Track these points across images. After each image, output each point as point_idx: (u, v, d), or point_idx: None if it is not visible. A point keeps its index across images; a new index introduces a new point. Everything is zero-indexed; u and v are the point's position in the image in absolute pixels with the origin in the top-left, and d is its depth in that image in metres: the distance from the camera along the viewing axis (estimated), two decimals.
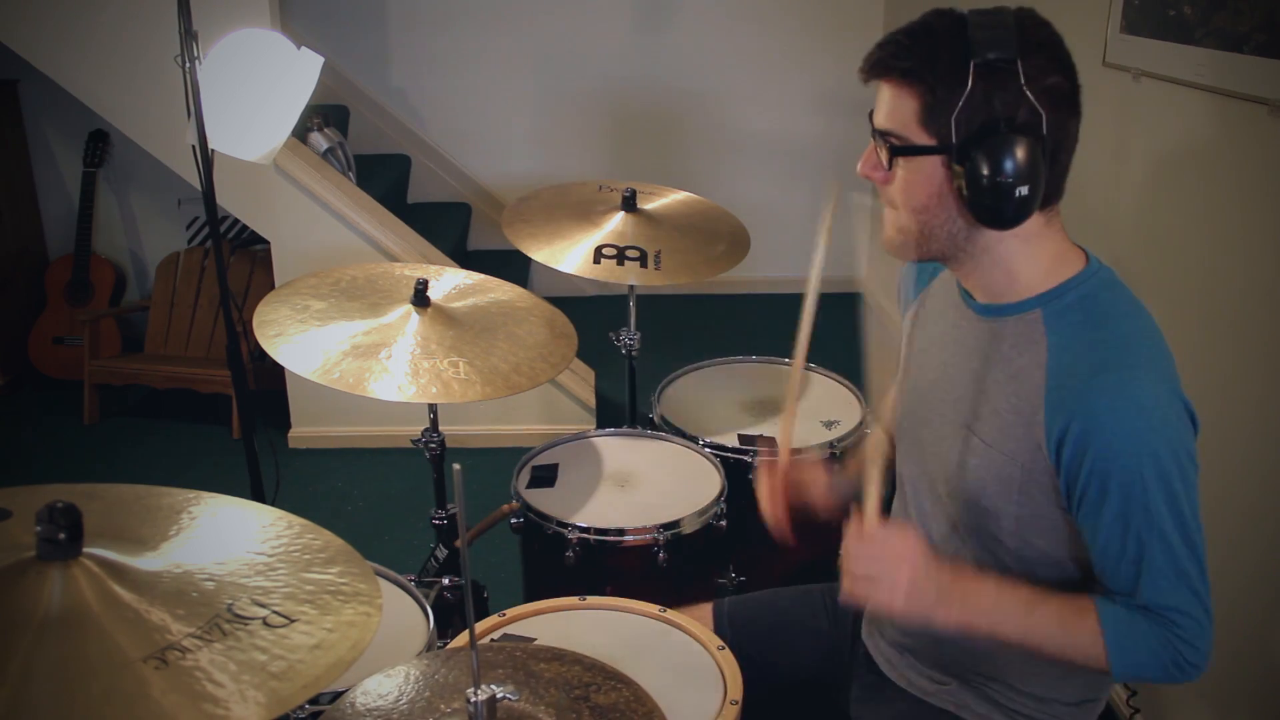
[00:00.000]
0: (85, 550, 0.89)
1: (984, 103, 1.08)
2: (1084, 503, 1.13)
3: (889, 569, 1.14)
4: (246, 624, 0.87)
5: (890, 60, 1.12)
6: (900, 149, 1.14)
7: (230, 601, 0.90)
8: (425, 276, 1.83)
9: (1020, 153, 1.07)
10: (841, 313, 1.65)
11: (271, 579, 0.95)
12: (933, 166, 1.12)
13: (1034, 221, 1.15)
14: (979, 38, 1.07)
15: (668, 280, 2.12)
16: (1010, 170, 1.07)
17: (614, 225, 2.21)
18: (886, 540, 1.16)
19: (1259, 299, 1.75)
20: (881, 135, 1.15)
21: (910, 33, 1.13)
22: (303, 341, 1.69)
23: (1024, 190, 1.08)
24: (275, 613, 0.90)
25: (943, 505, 1.28)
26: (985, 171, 1.07)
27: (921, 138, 1.12)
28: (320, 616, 0.91)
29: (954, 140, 1.09)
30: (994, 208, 1.10)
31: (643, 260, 2.13)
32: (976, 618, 1.16)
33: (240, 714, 0.80)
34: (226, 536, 1.01)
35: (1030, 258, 1.18)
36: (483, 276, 1.97)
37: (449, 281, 1.93)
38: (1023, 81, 1.07)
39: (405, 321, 1.76)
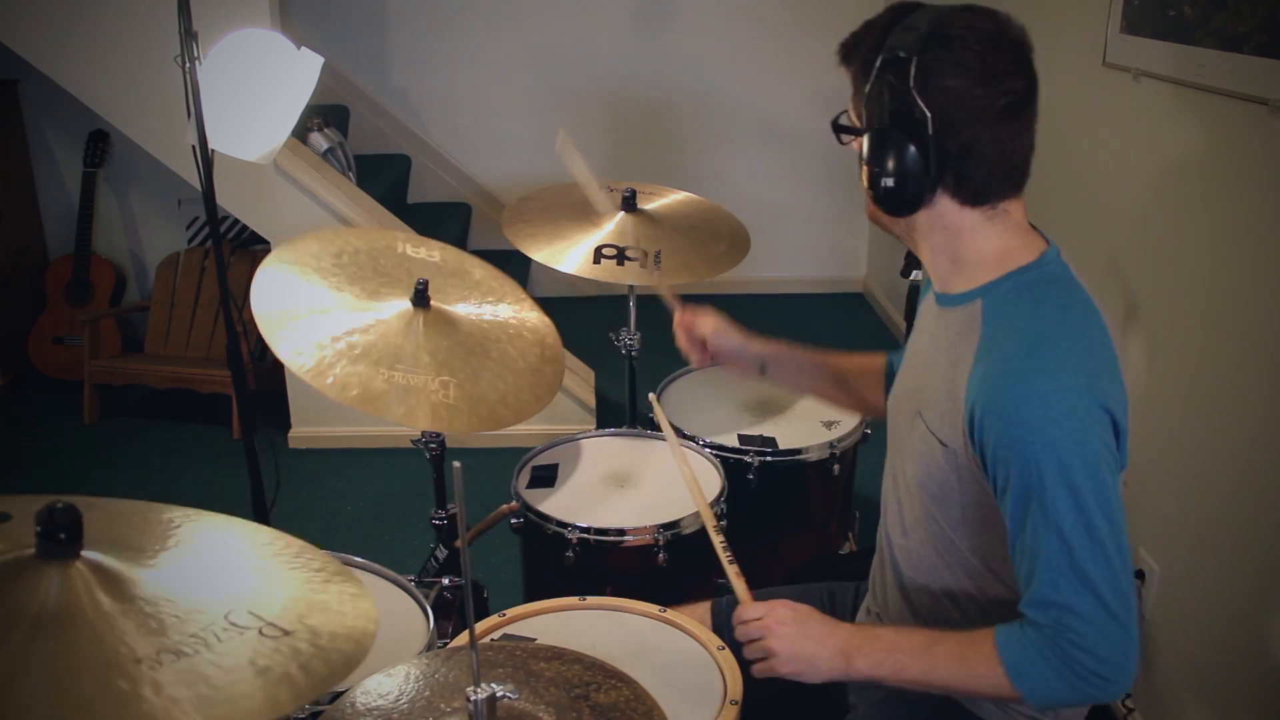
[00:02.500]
0: (84, 553, 0.88)
1: (879, 97, 1.15)
2: (998, 491, 1.14)
3: (767, 642, 1.24)
4: (242, 633, 0.87)
5: (840, 46, 1.22)
6: (840, 127, 1.24)
7: (227, 610, 0.89)
8: (412, 247, 1.81)
9: (893, 147, 1.13)
10: (841, 313, 1.65)
11: (269, 590, 0.95)
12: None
13: (965, 217, 1.18)
14: (895, 35, 1.14)
15: (668, 281, 2.11)
16: (879, 162, 1.15)
17: (614, 225, 2.21)
18: (761, 616, 1.26)
19: (1260, 299, 1.75)
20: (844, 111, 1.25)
21: (864, 23, 1.21)
22: (301, 336, 1.67)
23: (889, 182, 1.14)
24: (270, 624, 0.89)
25: (910, 494, 1.29)
26: (870, 160, 1.16)
27: (853, 118, 1.22)
28: (316, 629, 0.91)
29: (864, 128, 1.18)
30: (874, 193, 1.17)
31: (643, 262, 2.13)
32: (879, 666, 1.20)
33: (233, 718, 0.79)
34: (225, 550, 1.01)
35: (970, 248, 1.20)
36: (478, 262, 1.95)
37: (437, 255, 1.90)
38: (911, 83, 1.12)
39: (405, 324, 1.74)
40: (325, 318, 1.69)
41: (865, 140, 1.16)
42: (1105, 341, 1.16)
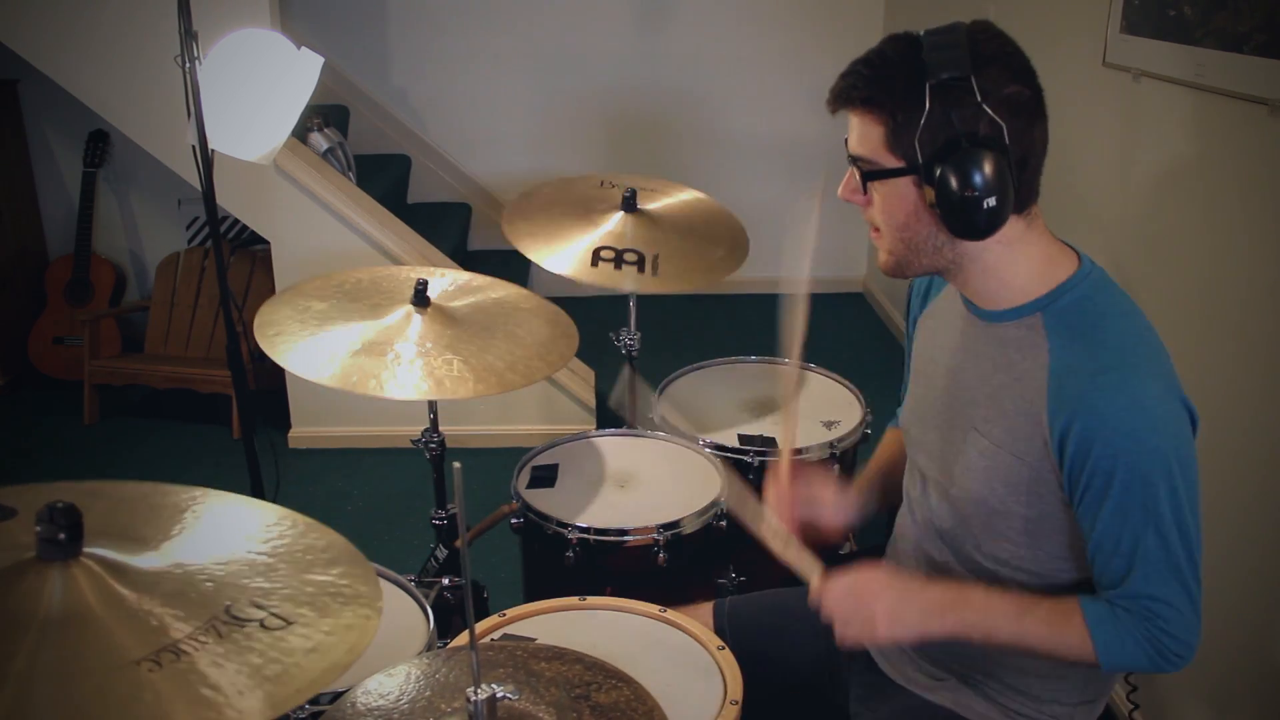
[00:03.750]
0: (86, 550, 0.88)
1: (943, 121, 1.12)
2: (1085, 497, 1.15)
3: (861, 606, 1.24)
4: (244, 626, 0.87)
5: (851, 91, 1.17)
6: (871, 174, 1.19)
7: (229, 603, 0.89)
8: (426, 278, 1.83)
9: (984, 165, 1.10)
10: (841, 312, 1.65)
11: (272, 580, 0.95)
12: (905, 187, 1.17)
13: (1013, 227, 1.18)
14: (932, 59, 1.12)
15: (665, 288, 2.11)
16: (976, 183, 1.11)
17: (613, 226, 2.21)
18: (849, 583, 1.26)
19: (1259, 299, 1.75)
20: (854, 161, 1.20)
21: (868, 62, 1.17)
22: (306, 345, 1.69)
23: (992, 201, 1.11)
24: (273, 614, 0.90)
25: (954, 506, 1.29)
26: (952, 187, 1.11)
27: (890, 160, 1.16)
28: (319, 619, 0.91)
29: (920, 160, 1.13)
30: (966, 220, 1.13)
31: (640, 265, 2.13)
32: (968, 627, 1.22)
33: (234, 717, 0.79)
34: (229, 536, 1.01)
35: (1018, 261, 1.21)
36: (488, 279, 1.97)
37: (450, 280, 1.92)
38: (979, 97, 1.11)
39: (405, 322, 1.76)
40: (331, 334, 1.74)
41: (940, 169, 1.11)
42: (1160, 341, 1.19)
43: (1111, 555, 1.15)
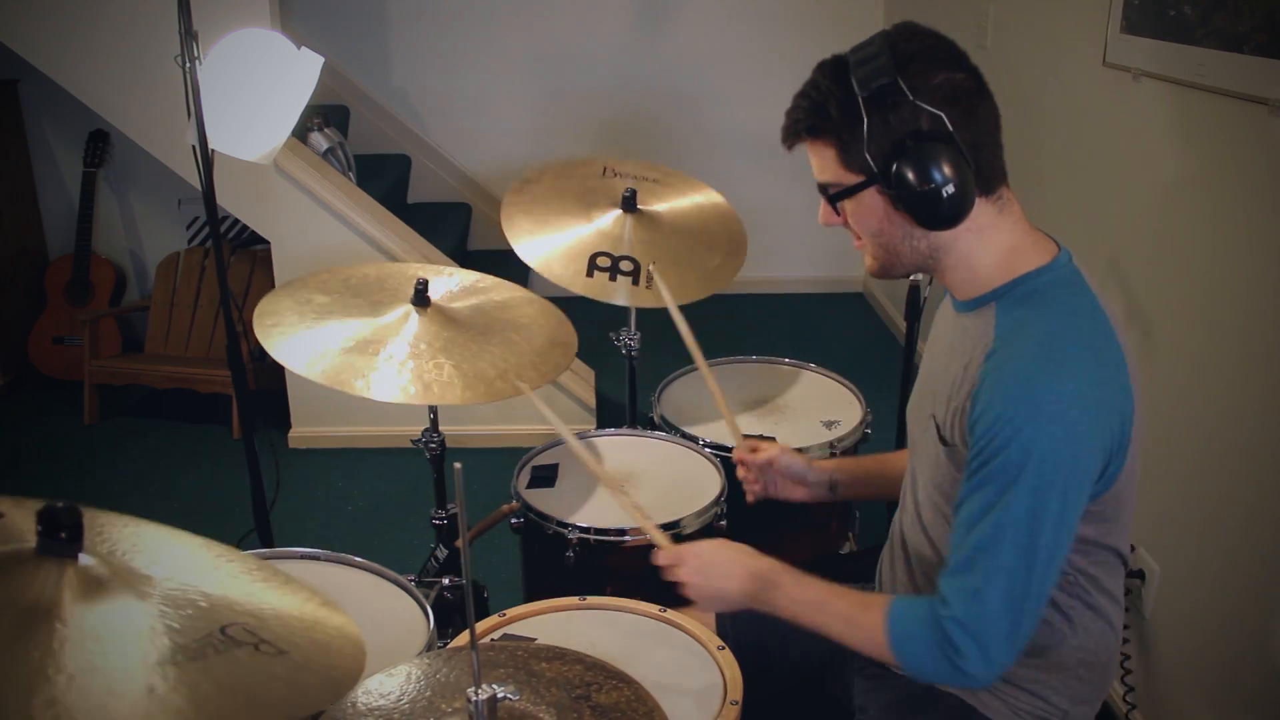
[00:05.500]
0: (85, 550, 0.88)
1: (884, 128, 1.16)
2: (968, 475, 1.17)
3: (716, 576, 1.34)
4: (237, 647, 0.87)
5: (795, 125, 1.25)
6: (837, 195, 1.25)
7: (224, 624, 0.89)
8: (429, 276, 1.82)
9: (934, 157, 1.14)
10: (841, 313, 1.66)
11: (267, 607, 0.95)
12: (870, 197, 1.22)
13: (983, 212, 1.21)
14: (859, 74, 1.17)
15: (659, 302, 2.07)
16: (931, 176, 1.15)
17: (611, 228, 2.19)
18: (703, 553, 1.36)
19: (1260, 299, 1.75)
20: (822, 188, 1.26)
21: (804, 94, 1.23)
22: (300, 338, 1.69)
23: (951, 188, 1.15)
24: (266, 641, 0.89)
25: (929, 495, 1.31)
26: (911, 185, 1.15)
27: (850, 178, 1.22)
28: (310, 650, 0.91)
29: (875, 170, 1.18)
30: (933, 211, 1.17)
31: (634, 277, 2.12)
32: (781, 611, 1.29)
33: None
34: (217, 571, 1.00)
35: (987, 250, 1.23)
36: (494, 279, 1.97)
37: (456, 282, 1.92)
38: (910, 95, 1.14)
39: (403, 322, 1.75)
40: (328, 330, 1.73)
41: (895, 171, 1.16)
42: (1112, 347, 1.17)
43: (964, 537, 1.15)
